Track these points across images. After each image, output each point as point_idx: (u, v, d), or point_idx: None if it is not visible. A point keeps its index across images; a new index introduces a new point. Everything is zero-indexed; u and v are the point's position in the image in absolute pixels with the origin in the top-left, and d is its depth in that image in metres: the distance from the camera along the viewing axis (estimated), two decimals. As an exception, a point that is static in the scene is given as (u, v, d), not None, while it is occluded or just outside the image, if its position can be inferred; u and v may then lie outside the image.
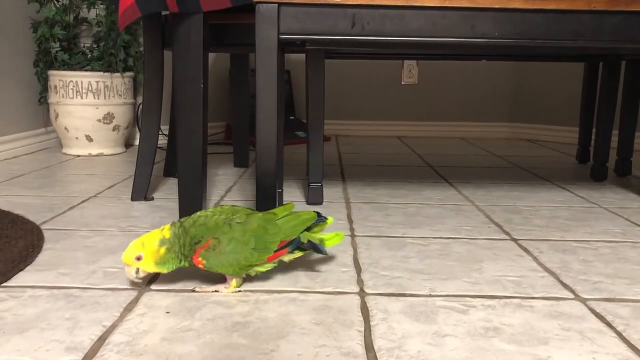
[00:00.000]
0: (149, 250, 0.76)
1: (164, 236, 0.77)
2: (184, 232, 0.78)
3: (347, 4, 0.93)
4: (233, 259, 0.77)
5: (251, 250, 0.78)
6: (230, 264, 0.78)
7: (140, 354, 0.62)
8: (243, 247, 0.78)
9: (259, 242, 0.79)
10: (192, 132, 1.11)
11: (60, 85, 1.93)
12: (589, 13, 0.94)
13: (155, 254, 0.76)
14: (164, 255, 0.76)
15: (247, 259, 0.78)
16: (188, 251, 0.77)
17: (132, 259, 0.76)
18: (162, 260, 0.77)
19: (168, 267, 0.78)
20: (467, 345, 0.66)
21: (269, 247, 0.80)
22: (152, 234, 0.77)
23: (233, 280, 0.80)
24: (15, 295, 0.77)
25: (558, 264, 0.95)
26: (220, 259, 0.77)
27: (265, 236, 0.80)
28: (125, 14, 1.01)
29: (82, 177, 1.62)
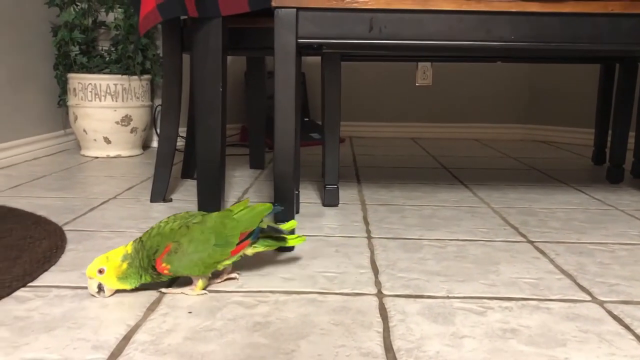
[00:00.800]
0: (112, 265, 0.77)
1: (127, 251, 0.78)
2: (141, 247, 0.79)
3: (364, 8, 0.94)
4: (197, 259, 0.78)
5: (213, 247, 0.79)
6: (195, 264, 0.78)
7: (164, 353, 0.64)
8: (204, 245, 0.79)
9: (219, 238, 0.80)
10: (211, 135, 1.12)
11: (79, 88, 1.96)
12: (605, 16, 0.94)
13: (118, 269, 0.77)
14: (125, 270, 0.77)
15: (210, 256, 0.79)
16: (147, 264, 0.77)
17: (95, 272, 0.77)
18: (124, 275, 0.77)
19: (130, 283, 0.78)
20: (485, 347, 0.66)
21: (231, 241, 0.81)
22: (118, 250, 0.78)
23: (199, 281, 0.80)
24: (42, 294, 0.79)
25: (575, 266, 0.96)
26: (184, 260, 0.77)
27: (224, 231, 0.80)
28: (147, 19, 1.03)
29: (101, 178, 1.65)
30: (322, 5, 0.94)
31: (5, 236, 1.02)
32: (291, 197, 1.00)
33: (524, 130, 2.92)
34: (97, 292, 0.78)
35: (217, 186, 1.17)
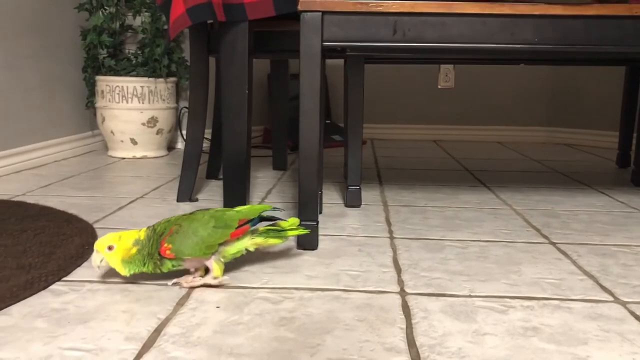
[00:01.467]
0: (122, 246, 0.80)
1: (139, 237, 0.81)
2: (153, 232, 0.82)
3: (388, 11, 0.96)
4: (198, 239, 0.81)
5: (213, 228, 0.82)
6: (196, 244, 0.81)
7: (194, 345, 0.66)
8: (204, 227, 0.82)
9: (218, 221, 0.83)
10: (237, 136, 1.15)
11: (107, 90, 2.01)
12: (631, 18, 0.95)
13: (126, 251, 0.80)
14: (133, 255, 0.80)
15: (210, 236, 0.82)
16: (155, 249, 0.81)
17: (104, 247, 0.80)
18: (130, 259, 0.80)
19: (130, 269, 0.81)
20: (507, 344, 0.68)
21: (230, 224, 0.84)
22: (131, 233, 0.82)
23: (214, 265, 0.83)
24: (76, 288, 0.82)
25: (597, 267, 0.96)
26: (185, 241, 0.81)
27: (223, 217, 0.84)
28: (176, 23, 1.06)
29: (129, 178, 1.69)
30: (347, 9, 0.96)
31: (39, 233, 1.06)
32: (315, 197, 1.02)
33: (547, 132, 2.91)
34: (98, 266, 0.81)
35: (242, 186, 1.19)
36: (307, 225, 1.00)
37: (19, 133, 1.77)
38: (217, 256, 0.84)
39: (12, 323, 0.71)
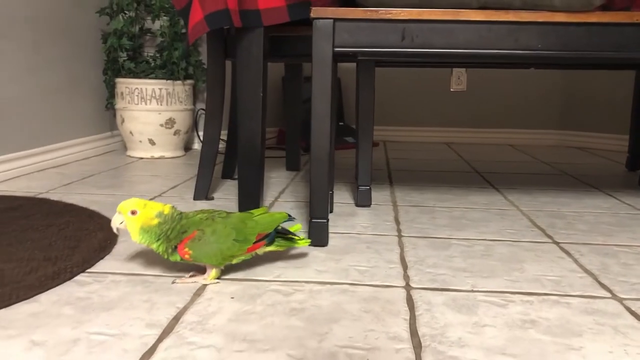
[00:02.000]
0: (145, 214, 0.83)
1: (164, 211, 0.84)
2: (179, 220, 0.85)
3: (397, 18, 1.00)
4: (217, 249, 0.84)
5: (233, 241, 0.85)
6: (214, 254, 0.84)
7: (210, 332, 0.71)
8: (225, 239, 0.85)
9: (239, 234, 0.86)
10: (252, 137, 1.20)
11: (126, 92, 2.07)
12: (632, 25, 0.98)
13: (148, 220, 0.83)
14: (152, 226, 0.83)
15: (229, 249, 0.85)
16: (174, 236, 0.84)
17: (127, 210, 0.83)
18: (148, 229, 0.83)
19: (145, 239, 0.84)
20: (505, 335, 0.71)
21: (249, 239, 0.87)
22: (156, 204, 0.84)
23: (212, 271, 0.87)
24: (99, 279, 0.88)
25: (598, 266, 0.99)
26: (205, 249, 0.84)
27: (244, 229, 0.87)
28: (195, 29, 1.11)
29: (147, 177, 1.74)
30: (357, 17, 1.00)
31: (64, 228, 1.11)
32: (326, 197, 1.06)
33: (558, 136, 2.92)
34: (117, 227, 0.84)
35: (256, 186, 1.24)
36: (317, 222, 1.04)
37: (42, 133, 1.84)
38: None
39: (41, 309, 0.76)
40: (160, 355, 0.64)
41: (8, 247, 0.99)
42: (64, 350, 0.65)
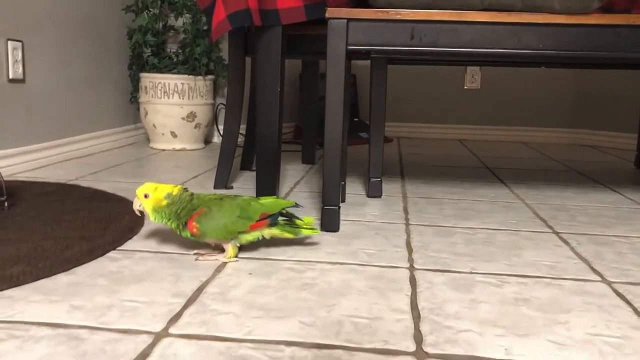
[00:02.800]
0: (156, 196, 0.93)
1: (172, 193, 0.94)
2: (189, 200, 0.94)
3: (406, 19, 1.07)
4: (222, 224, 0.93)
5: (236, 217, 0.94)
6: (219, 229, 0.93)
7: (230, 301, 0.78)
8: (229, 215, 0.93)
9: (243, 212, 0.94)
10: (269, 129, 1.27)
11: (150, 87, 2.16)
12: (628, 27, 1.04)
13: (158, 202, 0.93)
14: (162, 207, 0.93)
15: (233, 224, 0.93)
16: (184, 214, 0.93)
17: (142, 194, 0.94)
18: (159, 209, 0.93)
19: (157, 217, 0.94)
20: (497, 310, 0.78)
21: (252, 217, 0.95)
22: (166, 186, 0.94)
23: (229, 248, 0.95)
24: (129, 256, 0.96)
25: (593, 254, 1.05)
26: (211, 223, 0.92)
27: (248, 208, 0.95)
28: (218, 27, 1.18)
29: (170, 168, 1.83)
30: (369, 17, 1.07)
31: (95, 211, 1.20)
32: (337, 187, 1.14)
33: (571, 134, 2.96)
34: (138, 209, 0.95)
35: (273, 177, 1.31)
36: (329, 209, 1.11)
37: (70, 124, 1.94)
38: (235, 241, 0.96)
39: (78, 280, 0.84)
40: (185, 320, 0.72)
41: (45, 226, 1.08)
42: (100, 313, 0.73)
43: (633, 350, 0.68)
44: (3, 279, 0.82)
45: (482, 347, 0.68)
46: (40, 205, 1.24)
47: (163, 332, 0.69)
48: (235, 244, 0.96)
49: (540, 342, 0.69)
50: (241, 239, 0.96)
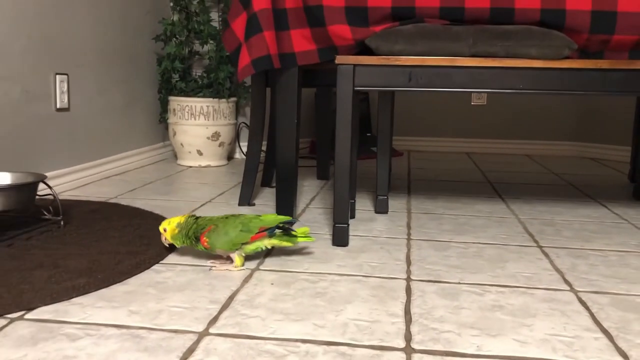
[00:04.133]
0: (170, 227, 1.17)
1: (181, 222, 1.17)
2: (194, 223, 1.16)
3: (405, 64, 1.24)
4: (227, 238, 1.13)
5: (239, 231, 1.14)
6: (226, 242, 1.13)
7: (256, 307, 0.96)
8: (233, 230, 1.14)
9: (244, 227, 1.15)
10: (287, 157, 1.45)
11: (178, 109, 2.36)
12: (596, 70, 1.20)
13: (173, 231, 1.17)
14: (176, 234, 1.16)
15: (237, 237, 1.13)
16: (193, 234, 1.14)
17: (162, 229, 1.18)
18: (175, 236, 1.16)
19: (178, 242, 1.17)
20: (477, 315, 0.95)
21: (252, 230, 1.15)
22: (176, 219, 1.17)
23: (236, 258, 1.15)
24: (170, 269, 1.15)
25: (568, 266, 1.22)
26: (219, 238, 1.13)
27: (249, 224, 1.16)
28: (244, 71, 1.37)
29: (197, 185, 2.02)
30: (373, 63, 1.25)
31: (137, 228, 1.39)
32: (346, 206, 1.31)
33: (574, 147, 3.10)
34: (164, 241, 1.19)
35: (291, 195, 1.49)
36: (339, 227, 1.29)
37: (107, 145, 2.14)
38: (240, 251, 1.15)
39: (132, 290, 1.03)
40: (221, 322, 0.90)
41: (97, 242, 1.27)
42: (153, 317, 0.92)
43: (580, 348, 0.84)
44: (73, 288, 1.01)
45: (459, 344, 0.85)
46: (89, 223, 1.43)
47: (204, 331, 0.87)
48: (240, 254, 1.16)
49: (507, 340, 0.86)
50: (245, 249, 1.16)
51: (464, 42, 1.23)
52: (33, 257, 1.17)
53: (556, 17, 1.24)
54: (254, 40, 1.35)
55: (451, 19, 1.29)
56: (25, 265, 1.11)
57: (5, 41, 1.58)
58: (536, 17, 1.25)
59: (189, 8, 2.41)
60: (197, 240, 1.14)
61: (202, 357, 0.79)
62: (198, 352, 0.80)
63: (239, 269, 1.14)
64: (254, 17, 1.35)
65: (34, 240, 1.28)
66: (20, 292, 0.98)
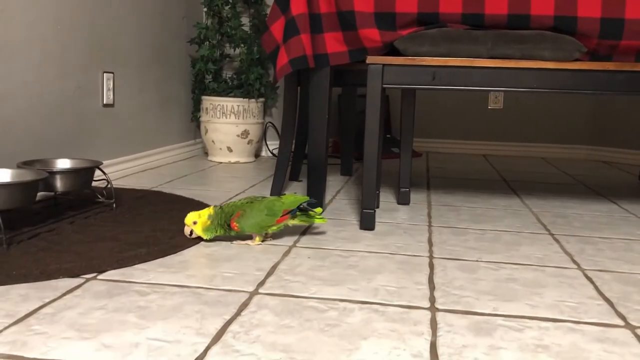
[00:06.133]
0: (202, 220, 1.26)
1: (210, 213, 1.26)
2: (221, 212, 1.26)
3: (429, 64, 1.37)
4: (255, 222, 1.26)
5: (265, 215, 1.26)
6: (254, 224, 1.26)
7: (297, 274, 1.09)
8: (260, 214, 1.26)
9: (269, 211, 1.27)
10: (319, 151, 1.59)
11: (210, 108, 2.51)
12: (604, 72, 1.32)
13: (205, 224, 1.25)
14: (208, 225, 1.25)
15: (263, 221, 1.26)
16: (224, 222, 1.25)
17: (191, 222, 1.26)
18: (207, 228, 1.25)
19: (208, 234, 1.25)
20: (492, 285, 1.07)
21: (277, 213, 1.28)
22: (205, 211, 1.26)
23: (256, 237, 1.28)
24: (216, 244, 1.28)
25: (577, 250, 1.33)
26: (247, 222, 1.25)
27: (274, 207, 1.28)
28: (282, 70, 1.50)
29: (229, 178, 2.16)
30: (400, 63, 1.38)
31: (182, 210, 1.53)
32: (373, 192, 1.44)
33: (589, 150, 3.20)
34: (190, 234, 1.27)
35: (321, 185, 1.62)
36: (367, 212, 1.42)
37: (146, 140, 2.29)
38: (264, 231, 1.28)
39: (186, 259, 1.17)
40: (268, 285, 1.03)
41: (149, 222, 1.41)
42: (209, 280, 1.05)
43: (584, 311, 0.96)
44: (135, 257, 1.14)
45: (477, 306, 0.97)
46: (138, 207, 1.57)
47: (254, 291, 1.00)
48: (262, 234, 1.29)
49: (520, 305, 0.98)
50: (270, 230, 1.29)
51: (483, 45, 1.35)
52: (94, 232, 1.31)
53: (568, 23, 1.36)
54: (292, 42, 1.48)
55: (472, 24, 1.42)
56: (89, 239, 1.25)
57: (65, 43, 1.73)
58: (550, 23, 1.37)
59: (221, 13, 2.56)
60: (229, 226, 1.26)
61: (256, 309, 0.92)
62: (251, 306, 0.93)
63: (256, 244, 1.28)
64: (292, 21, 1.48)
65: (92, 219, 1.42)
66: (89, 258, 1.12)
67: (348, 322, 0.89)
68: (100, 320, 0.86)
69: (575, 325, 0.90)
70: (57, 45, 1.71)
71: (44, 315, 0.87)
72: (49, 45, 1.68)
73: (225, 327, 0.85)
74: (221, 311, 0.91)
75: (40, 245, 1.19)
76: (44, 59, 1.66)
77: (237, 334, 0.83)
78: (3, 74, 1.50)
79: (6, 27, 1.51)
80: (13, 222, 1.32)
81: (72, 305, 0.91)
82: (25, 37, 1.57)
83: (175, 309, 0.91)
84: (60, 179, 1.42)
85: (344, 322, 0.89)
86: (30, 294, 0.95)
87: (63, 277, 1.03)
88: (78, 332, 0.82)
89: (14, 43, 1.54)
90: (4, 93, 1.51)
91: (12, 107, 1.54)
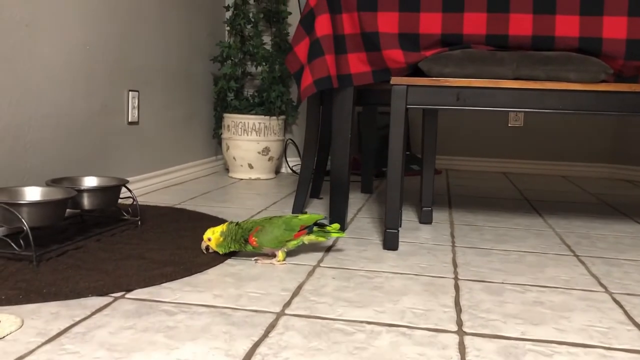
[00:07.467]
0: (215, 236, 1.28)
1: (223, 230, 1.28)
2: (238, 228, 1.28)
3: (453, 85, 1.37)
4: (273, 236, 1.27)
5: (283, 230, 1.27)
6: (272, 239, 1.27)
7: (322, 295, 1.09)
8: (278, 229, 1.28)
9: (287, 226, 1.29)
10: (341, 170, 1.59)
11: (232, 125, 2.53)
12: (631, 93, 1.31)
13: (217, 240, 1.28)
14: (222, 241, 1.27)
15: (281, 235, 1.27)
16: (240, 238, 1.26)
17: (206, 238, 1.29)
18: (220, 244, 1.27)
19: (221, 249, 1.28)
20: (520, 308, 1.06)
21: (294, 229, 1.29)
22: (219, 227, 1.28)
23: (279, 253, 1.29)
24: (242, 262, 1.29)
25: (603, 272, 1.32)
26: (266, 237, 1.26)
27: (291, 223, 1.30)
28: (306, 90, 1.52)
29: (251, 195, 2.18)
30: (424, 83, 1.38)
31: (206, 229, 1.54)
32: (397, 213, 1.44)
33: (610, 169, 3.17)
34: (206, 249, 1.30)
35: (344, 203, 1.63)
36: (390, 232, 1.42)
37: (169, 157, 2.31)
38: (283, 248, 1.29)
39: (211, 278, 1.17)
40: (294, 305, 1.04)
41: (173, 240, 1.42)
42: (235, 300, 1.06)
43: (614, 337, 0.95)
44: (161, 275, 1.16)
45: (505, 330, 0.96)
46: (162, 224, 1.59)
47: (281, 312, 1.01)
48: (283, 250, 1.30)
49: (548, 329, 0.97)
50: (288, 245, 1.30)
51: (508, 66, 1.36)
52: (120, 250, 1.32)
53: (593, 44, 1.36)
54: (317, 62, 1.50)
55: (496, 45, 1.42)
56: (116, 257, 1.27)
57: (93, 63, 1.77)
58: (575, 44, 1.37)
59: (243, 32, 2.59)
60: (245, 242, 1.28)
61: (283, 331, 0.92)
62: (279, 327, 0.94)
63: (281, 263, 1.28)
64: (316, 42, 1.50)
65: (117, 237, 1.44)
66: (117, 276, 1.14)
67: (376, 345, 0.89)
68: (130, 339, 0.87)
69: (606, 351, 0.89)
70: (85, 65, 1.75)
71: (75, 334, 0.88)
72: (77, 65, 1.71)
73: (254, 348, 0.86)
74: (249, 332, 0.91)
75: (68, 262, 1.21)
76: (73, 79, 1.69)
77: (265, 356, 0.83)
78: (35, 95, 1.54)
79: (37, 44, 1.54)
80: (41, 239, 1.34)
81: (102, 324, 0.92)
82: (57, 59, 1.61)
83: (203, 329, 0.92)
84: (88, 197, 1.44)
85: (371, 345, 0.89)
86: (61, 312, 0.97)
87: (92, 296, 1.05)
88: (109, 352, 0.83)
89: (46, 64, 1.57)
90: (35, 112, 1.54)
91: (42, 125, 1.57)
